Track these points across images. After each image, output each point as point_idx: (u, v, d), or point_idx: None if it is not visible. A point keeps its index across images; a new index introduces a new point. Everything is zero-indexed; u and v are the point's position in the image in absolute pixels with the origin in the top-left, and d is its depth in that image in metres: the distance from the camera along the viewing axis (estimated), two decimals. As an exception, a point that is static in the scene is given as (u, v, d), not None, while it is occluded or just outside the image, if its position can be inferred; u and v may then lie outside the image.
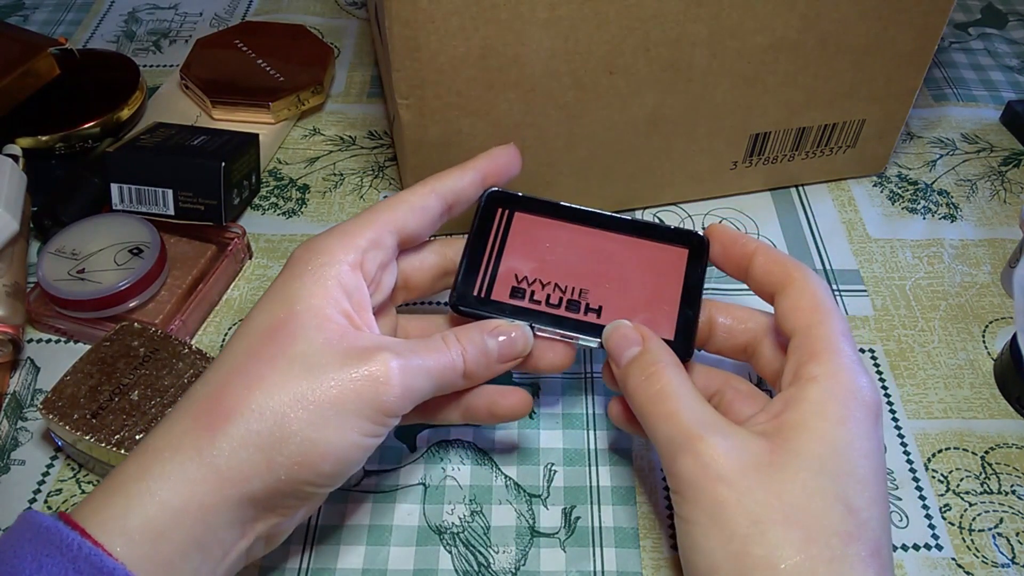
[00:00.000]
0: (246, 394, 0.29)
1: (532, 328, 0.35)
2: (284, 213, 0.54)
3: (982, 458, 0.41)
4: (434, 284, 0.38)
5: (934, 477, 0.41)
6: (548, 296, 0.36)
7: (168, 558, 0.27)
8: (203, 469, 0.28)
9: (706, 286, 0.37)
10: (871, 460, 0.29)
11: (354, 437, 0.30)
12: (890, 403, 0.44)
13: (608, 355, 0.34)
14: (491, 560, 0.37)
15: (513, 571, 0.37)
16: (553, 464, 0.41)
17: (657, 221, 0.37)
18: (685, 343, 0.36)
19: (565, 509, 0.39)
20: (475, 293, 0.36)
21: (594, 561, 0.38)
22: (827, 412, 0.29)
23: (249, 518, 0.30)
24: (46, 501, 0.40)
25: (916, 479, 0.41)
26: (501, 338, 0.34)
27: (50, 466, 0.41)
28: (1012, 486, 0.40)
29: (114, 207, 0.48)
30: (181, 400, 0.30)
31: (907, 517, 0.39)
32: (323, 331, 0.30)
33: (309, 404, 0.29)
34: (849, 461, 0.28)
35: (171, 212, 0.48)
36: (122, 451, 0.37)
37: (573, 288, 0.36)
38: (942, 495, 0.40)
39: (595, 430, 0.42)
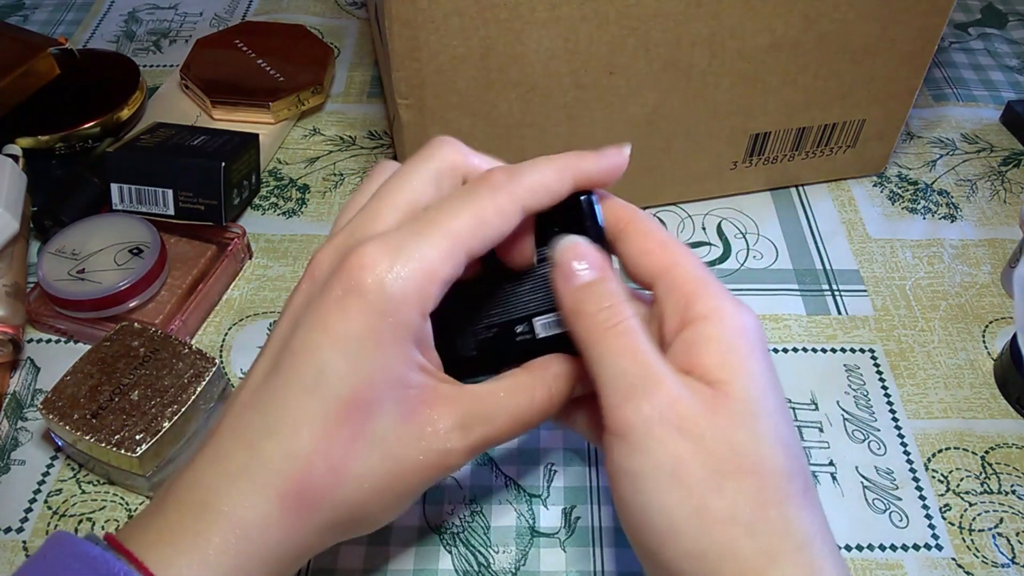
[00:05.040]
0: (333, 481, 0.28)
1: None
2: (284, 213, 0.54)
3: (982, 458, 0.41)
4: None
5: (934, 477, 0.41)
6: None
7: None
8: (289, 547, 0.28)
9: None
10: (781, 390, 0.28)
11: (415, 500, 0.31)
12: (890, 403, 0.44)
13: (556, 269, 0.30)
14: (491, 560, 0.37)
15: (513, 571, 0.37)
16: (553, 464, 0.41)
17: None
18: None
19: (565, 509, 0.39)
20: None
21: (594, 561, 0.38)
22: (736, 349, 0.27)
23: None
24: (46, 501, 0.40)
25: (916, 479, 0.41)
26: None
27: (50, 466, 0.41)
28: (1012, 486, 0.40)
29: (114, 207, 0.48)
30: (251, 463, 0.27)
31: (907, 517, 0.39)
32: (400, 403, 0.28)
33: (388, 497, 0.29)
34: (772, 396, 0.27)
35: (171, 212, 0.48)
36: (122, 451, 0.37)
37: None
38: (942, 495, 0.40)
39: (595, 430, 0.42)
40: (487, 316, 0.33)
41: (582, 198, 0.31)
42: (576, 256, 0.29)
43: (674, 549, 0.26)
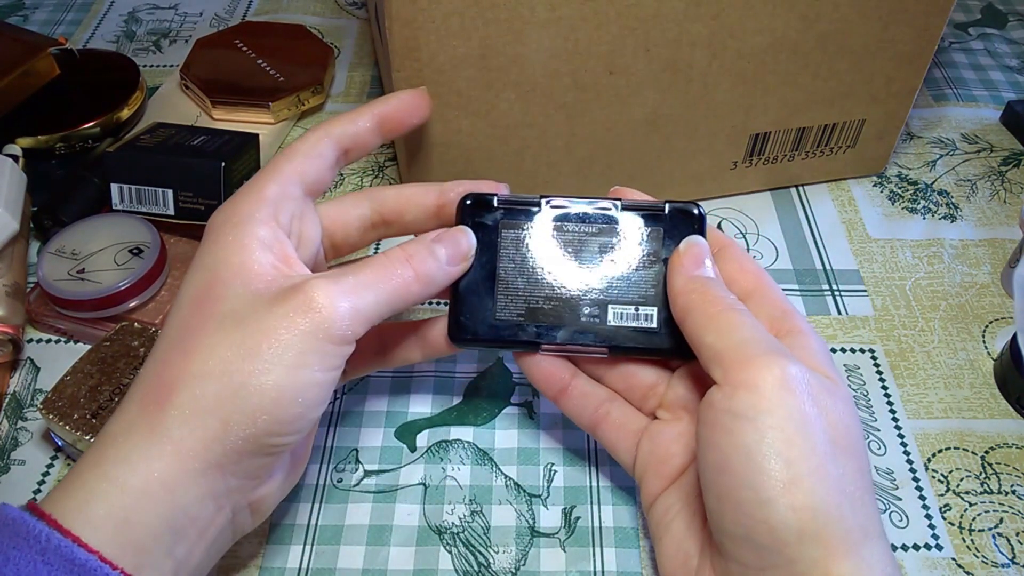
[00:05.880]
0: (186, 363, 0.29)
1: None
2: (284, 213, 0.54)
3: (982, 458, 0.41)
4: (363, 236, 0.37)
5: (934, 477, 0.41)
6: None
7: (139, 543, 0.27)
8: (158, 446, 0.28)
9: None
10: None
11: (308, 374, 0.29)
12: (890, 403, 0.44)
13: (681, 255, 0.34)
14: (491, 560, 0.37)
15: (513, 571, 0.37)
16: (553, 464, 0.41)
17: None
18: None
19: (565, 509, 0.39)
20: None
21: (594, 561, 0.38)
22: (829, 359, 0.32)
23: (221, 490, 0.29)
24: (46, 501, 0.40)
25: (916, 479, 0.41)
26: (447, 244, 0.34)
27: (50, 466, 0.41)
28: (1012, 486, 0.40)
29: (114, 207, 0.48)
30: (130, 387, 0.30)
31: (907, 517, 0.39)
32: (248, 285, 0.30)
33: (249, 353, 0.28)
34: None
35: (171, 212, 0.48)
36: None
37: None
38: (942, 495, 0.40)
39: (595, 430, 0.42)
40: (545, 289, 0.36)
41: (698, 212, 0.35)
42: (700, 253, 0.34)
43: (790, 499, 0.27)
